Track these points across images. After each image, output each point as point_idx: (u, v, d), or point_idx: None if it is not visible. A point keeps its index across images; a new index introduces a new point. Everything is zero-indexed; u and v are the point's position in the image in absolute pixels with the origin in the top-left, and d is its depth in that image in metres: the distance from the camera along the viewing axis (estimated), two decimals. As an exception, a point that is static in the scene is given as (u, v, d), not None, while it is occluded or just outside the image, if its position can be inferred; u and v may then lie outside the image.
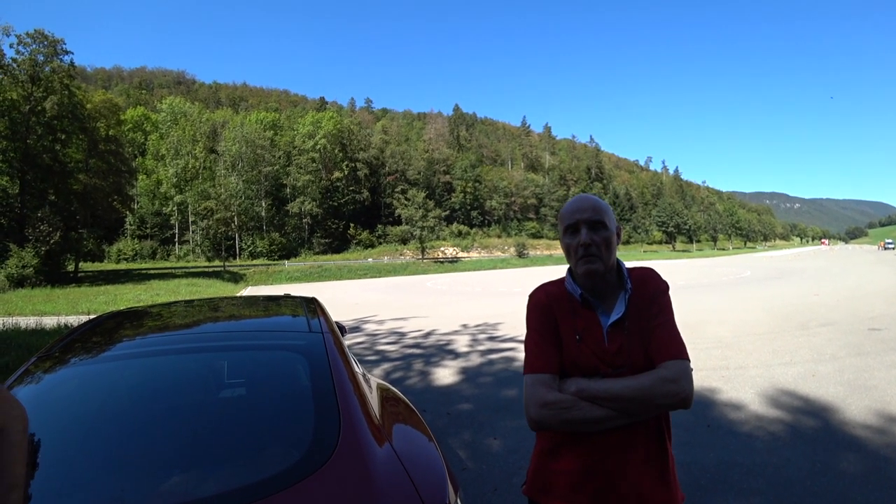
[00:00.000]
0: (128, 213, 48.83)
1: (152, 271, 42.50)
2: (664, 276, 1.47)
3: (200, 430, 1.59)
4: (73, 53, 35.96)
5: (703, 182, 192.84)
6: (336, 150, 75.84)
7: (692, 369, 1.31)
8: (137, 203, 65.56)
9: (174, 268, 47.68)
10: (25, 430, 1.10)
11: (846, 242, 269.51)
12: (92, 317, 2.58)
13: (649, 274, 1.43)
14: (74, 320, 12.34)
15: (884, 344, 7.46)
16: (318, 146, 73.43)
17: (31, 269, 28.79)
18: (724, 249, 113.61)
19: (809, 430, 4.19)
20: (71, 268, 36.60)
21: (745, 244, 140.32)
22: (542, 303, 1.42)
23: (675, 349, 1.30)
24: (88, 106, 38.14)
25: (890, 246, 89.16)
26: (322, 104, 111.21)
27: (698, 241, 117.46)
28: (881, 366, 6.20)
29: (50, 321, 13.20)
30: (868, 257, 49.99)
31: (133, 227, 65.31)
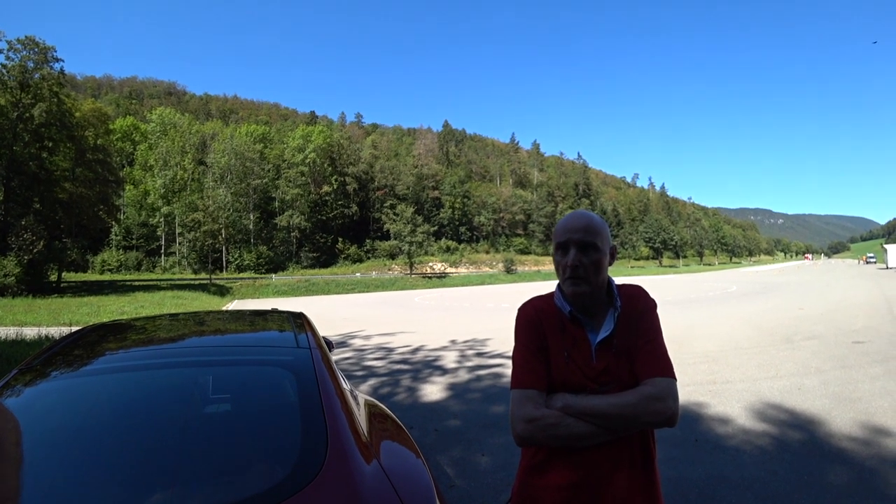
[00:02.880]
0: (114, 223, 48.17)
1: (137, 283, 41.90)
2: (652, 293, 1.49)
3: (185, 446, 1.56)
4: (63, 61, 35.79)
5: (689, 198, 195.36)
6: (325, 165, 75.71)
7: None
8: (124, 213, 64.74)
9: (160, 280, 47.05)
10: (19, 442, 1.07)
11: (829, 257, 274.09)
12: (75, 329, 2.53)
13: (638, 291, 1.43)
14: (56, 332, 12.11)
15: (867, 356, 7.56)
16: (308, 160, 73.29)
17: (13, 278, 28.24)
18: (710, 265, 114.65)
19: (796, 442, 4.22)
20: (54, 278, 35.98)
21: (730, 259, 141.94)
22: (531, 318, 1.42)
23: (662, 367, 1.31)
24: (77, 114, 37.86)
25: (871, 260, 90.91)
26: (312, 118, 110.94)
27: (685, 257, 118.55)
28: (865, 378, 6.28)
29: (30, 332, 12.93)
30: (850, 271, 50.81)
31: (118, 238, 64.28)
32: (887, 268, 56.90)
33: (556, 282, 1.42)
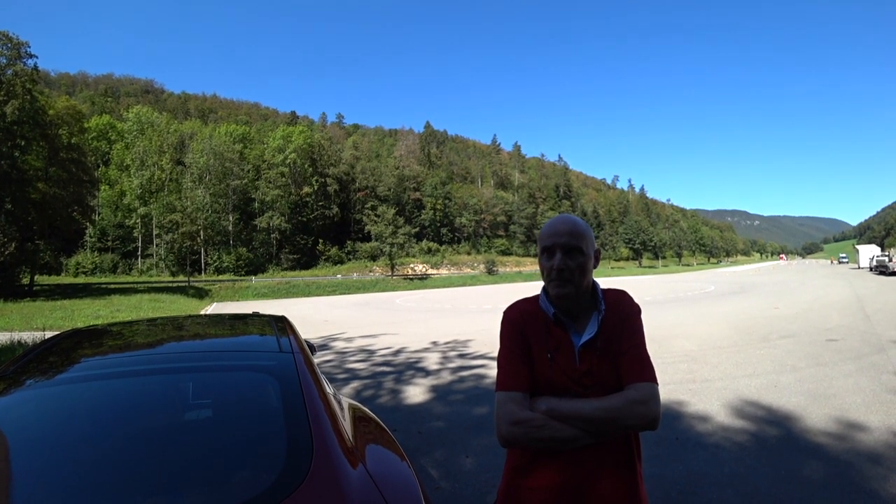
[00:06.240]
0: (88, 224, 46.88)
1: (113, 286, 41.07)
2: (632, 293, 1.51)
3: (167, 455, 1.52)
4: (37, 57, 34.93)
5: (668, 200, 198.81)
6: (306, 165, 74.96)
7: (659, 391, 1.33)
8: (99, 214, 63.13)
9: (136, 282, 46.18)
10: (6, 458, 1.03)
11: (803, 257, 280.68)
12: (48, 334, 2.46)
13: (622, 296, 1.45)
14: (28, 336, 11.78)
15: (841, 354, 7.76)
16: (288, 160, 72.50)
17: (-17, 282, 27.48)
18: (688, 265, 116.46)
19: (773, 439, 4.30)
20: (26, 281, 35.06)
21: (708, 260, 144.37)
22: (516, 320, 1.44)
23: (645, 372, 1.33)
24: (51, 112, 36.91)
25: (844, 260, 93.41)
26: (293, 118, 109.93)
27: (664, 258, 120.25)
28: (839, 375, 6.44)
29: (2, 337, 12.61)
30: (823, 271, 52.19)
31: (93, 240, 62.79)
32: (858, 268, 58.45)
33: (539, 282, 1.43)
